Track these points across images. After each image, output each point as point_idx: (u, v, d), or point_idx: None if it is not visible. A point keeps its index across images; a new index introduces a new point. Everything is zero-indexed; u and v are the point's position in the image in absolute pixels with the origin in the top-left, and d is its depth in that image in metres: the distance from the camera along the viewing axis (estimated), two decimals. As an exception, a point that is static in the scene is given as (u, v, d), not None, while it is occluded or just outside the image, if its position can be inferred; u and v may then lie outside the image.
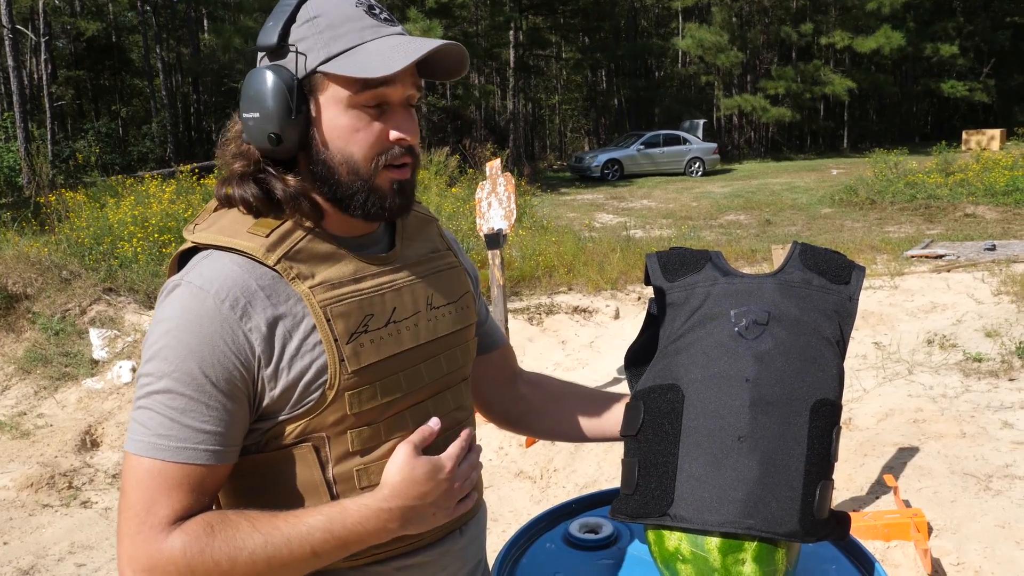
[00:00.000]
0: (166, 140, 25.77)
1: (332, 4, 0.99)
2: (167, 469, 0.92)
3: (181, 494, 0.92)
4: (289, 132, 0.98)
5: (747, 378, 1.04)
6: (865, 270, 1.15)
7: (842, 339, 1.09)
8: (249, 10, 25.78)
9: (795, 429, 1.03)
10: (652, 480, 1.07)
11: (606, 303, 7.65)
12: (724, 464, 1.03)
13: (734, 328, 1.07)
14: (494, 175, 4.92)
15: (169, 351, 0.93)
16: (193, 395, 0.93)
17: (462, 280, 1.20)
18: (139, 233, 8.71)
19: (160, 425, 0.92)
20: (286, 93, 0.97)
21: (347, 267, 1.03)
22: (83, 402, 5.64)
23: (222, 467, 0.96)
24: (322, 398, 0.98)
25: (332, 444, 1.00)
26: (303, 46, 0.98)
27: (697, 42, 30.36)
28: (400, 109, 1.02)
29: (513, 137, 30.42)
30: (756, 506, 1.01)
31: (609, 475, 4.22)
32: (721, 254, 1.15)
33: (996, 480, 3.84)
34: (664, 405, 1.08)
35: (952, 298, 7.25)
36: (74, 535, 3.80)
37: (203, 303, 0.94)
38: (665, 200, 18.05)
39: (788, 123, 32.93)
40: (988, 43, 36.31)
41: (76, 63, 29.87)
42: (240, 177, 1.02)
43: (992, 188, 13.99)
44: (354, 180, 1.01)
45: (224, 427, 0.94)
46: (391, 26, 1.01)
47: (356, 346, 1.00)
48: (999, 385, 5.13)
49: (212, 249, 1.00)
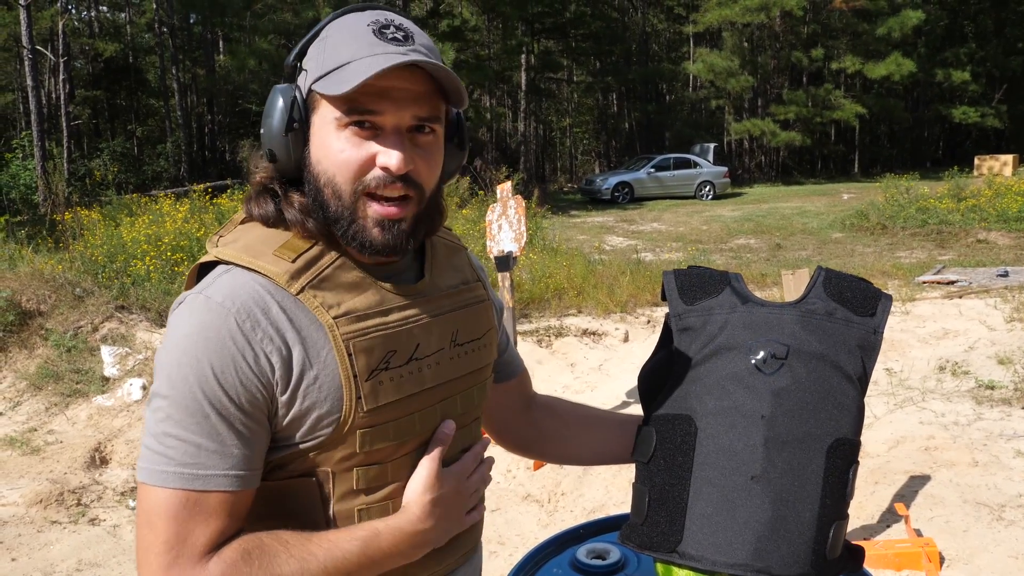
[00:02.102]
0: (180, 159, 25.98)
1: (346, 23, 0.97)
2: (199, 499, 0.89)
3: (215, 522, 0.89)
4: (282, 150, 0.97)
5: (763, 415, 1.03)
6: (892, 299, 1.12)
7: (864, 375, 1.07)
8: (264, 32, 26.09)
9: (810, 470, 1.02)
10: (662, 513, 1.05)
11: (615, 326, 7.64)
12: (736, 504, 1.01)
13: (751, 361, 1.05)
14: (505, 198, 4.94)
15: (187, 370, 0.89)
16: (216, 417, 0.89)
17: (488, 316, 1.16)
18: (152, 252, 8.78)
19: (185, 453, 0.89)
20: (284, 110, 0.96)
21: (373, 297, 0.99)
22: (93, 419, 5.66)
23: (249, 492, 0.93)
24: (333, 434, 0.95)
25: (336, 481, 0.97)
26: (308, 64, 0.98)
27: (708, 66, 30.50)
28: (392, 135, 0.95)
29: (524, 159, 30.54)
30: (767, 549, 1.00)
31: (617, 499, 4.19)
32: (740, 276, 1.12)
33: (1009, 510, 3.80)
34: (677, 436, 1.06)
35: (964, 324, 7.21)
36: (82, 552, 3.80)
37: (224, 320, 0.91)
38: (675, 223, 18.05)
39: (799, 147, 32.95)
40: (1000, 69, 36.31)
41: (93, 83, 30.22)
42: (260, 192, 1.02)
43: (1005, 214, 13.93)
44: (337, 205, 0.96)
45: (250, 449, 0.91)
46: (396, 45, 0.94)
47: (375, 383, 0.97)
48: (1012, 413, 5.09)
49: (234, 266, 0.96)
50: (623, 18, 36.11)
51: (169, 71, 27.47)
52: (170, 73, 27.41)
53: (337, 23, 0.99)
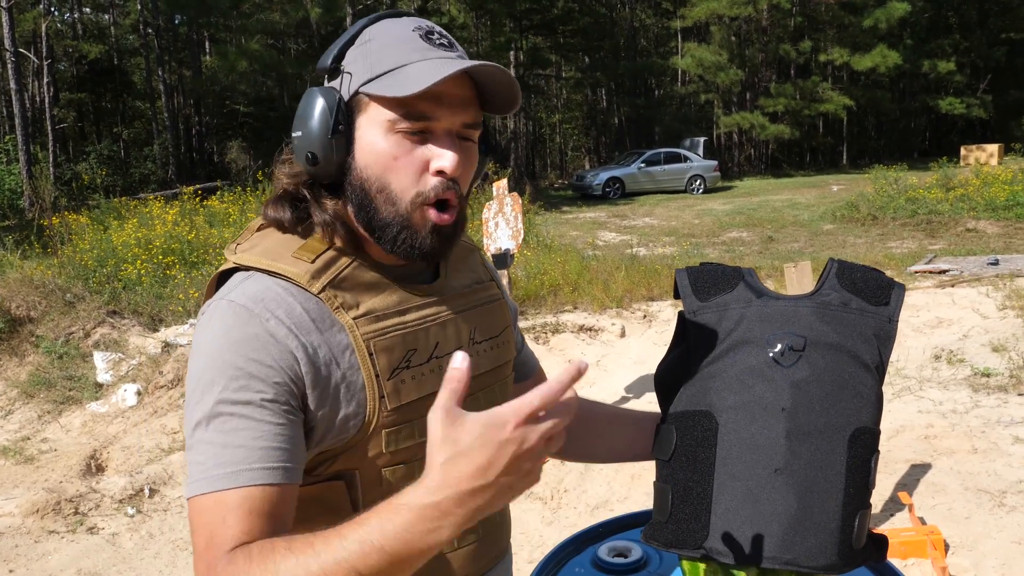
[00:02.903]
0: (168, 162, 25.85)
1: (388, 28, 0.97)
2: (223, 499, 0.86)
3: (239, 520, 0.85)
4: (326, 152, 0.95)
5: (783, 407, 1.02)
6: (905, 288, 1.12)
7: (881, 363, 1.06)
8: (252, 32, 25.98)
9: (833, 460, 1.01)
10: (686, 510, 1.05)
11: (612, 322, 7.63)
12: (760, 497, 1.01)
13: (769, 354, 1.04)
14: (501, 195, 4.92)
15: (215, 373, 0.88)
16: (241, 414, 0.88)
17: (504, 314, 1.17)
18: (143, 255, 8.72)
19: (212, 456, 0.87)
20: (327, 113, 0.94)
21: (391, 297, 0.99)
22: (87, 426, 5.62)
23: (288, 487, 0.89)
24: (359, 434, 0.95)
25: (365, 482, 0.97)
26: (351, 67, 0.96)
27: (696, 61, 30.56)
28: (444, 137, 0.95)
29: (514, 156, 30.54)
30: (794, 541, 1.00)
31: (620, 495, 4.19)
32: (754, 271, 1.12)
33: (1010, 496, 3.81)
34: (698, 433, 1.06)
35: (958, 313, 7.24)
36: (81, 562, 3.76)
37: (248, 322, 0.90)
38: (667, 218, 18.08)
39: (788, 140, 33.05)
40: (984, 59, 36.54)
41: (78, 86, 30.03)
42: (278, 198, 1.00)
43: (993, 203, 14.01)
44: (390, 211, 0.96)
45: (280, 442, 0.88)
46: (444, 50, 0.95)
47: (397, 382, 0.97)
48: (1008, 400, 5.11)
49: (254, 271, 0.96)
50: (611, 13, 36.12)
51: (155, 73, 27.32)
52: (156, 75, 27.26)
53: (378, 27, 0.97)
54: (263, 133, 27.69)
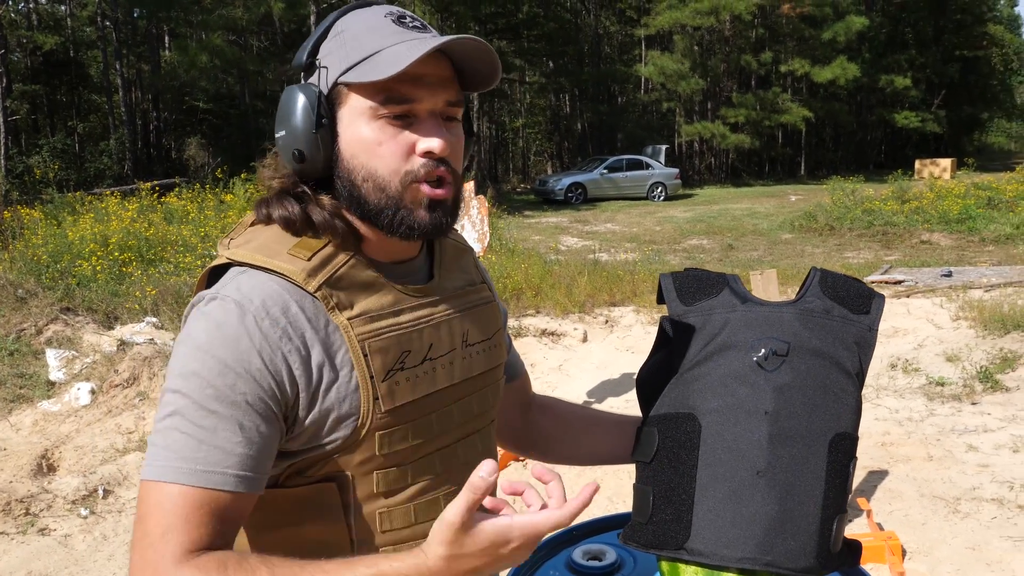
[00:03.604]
0: (124, 157, 25.32)
1: (360, 17, 0.96)
2: (189, 494, 0.84)
3: (201, 523, 0.84)
4: (312, 148, 0.94)
5: (766, 411, 1.03)
6: (884, 298, 1.14)
7: (861, 370, 1.08)
8: (213, 28, 25.59)
9: (813, 464, 1.02)
10: (668, 511, 1.05)
11: (574, 326, 7.65)
12: (742, 499, 1.01)
13: (753, 359, 1.05)
14: (467, 198, 4.90)
15: (200, 366, 0.86)
16: (225, 412, 0.86)
17: (496, 316, 1.16)
18: (99, 251, 8.53)
19: (185, 447, 0.85)
20: (309, 108, 0.93)
21: (386, 298, 0.98)
22: (39, 425, 5.46)
23: (249, 496, 0.88)
24: (352, 436, 0.93)
25: (357, 484, 0.95)
26: (327, 60, 0.95)
27: (659, 69, 30.87)
28: (429, 119, 0.94)
29: (477, 159, 30.51)
30: (774, 542, 1.00)
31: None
32: (738, 278, 1.13)
33: (964, 503, 3.90)
34: (680, 435, 1.06)
35: (912, 323, 7.40)
36: (31, 564, 3.65)
37: (241, 319, 0.88)
38: (629, 224, 18.20)
39: (748, 149, 33.54)
40: (939, 75, 37.56)
41: (32, 77, 29.26)
42: (279, 195, 0.98)
43: (946, 216, 14.37)
44: (380, 198, 0.94)
45: (256, 451, 0.87)
46: (418, 32, 0.95)
47: (391, 384, 0.95)
48: (962, 409, 5.23)
49: (249, 267, 0.94)
50: (576, 20, 36.32)
51: (112, 66, 26.77)
52: (113, 68, 26.71)
53: (350, 17, 0.96)
54: (223, 130, 27.31)
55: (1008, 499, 3.92)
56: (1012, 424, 4.88)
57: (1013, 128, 52.91)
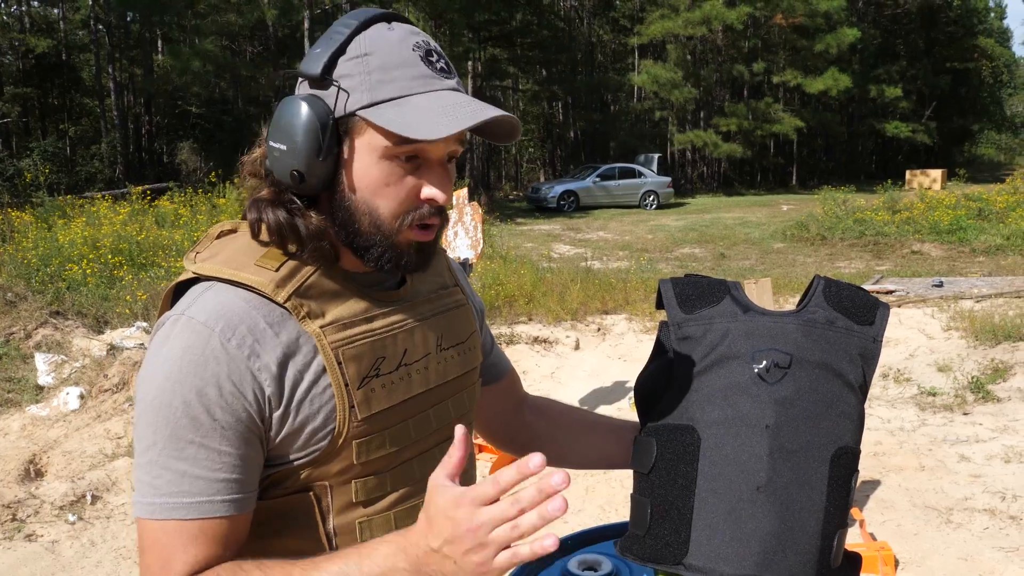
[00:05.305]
0: (116, 161, 25.20)
1: (387, 44, 0.91)
2: (182, 527, 0.86)
3: (199, 549, 0.87)
4: (314, 172, 0.91)
5: (767, 425, 1.01)
6: (890, 308, 1.13)
7: (864, 383, 1.06)
8: (206, 32, 25.56)
9: (814, 479, 1.01)
10: (666, 525, 1.03)
11: (566, 334, 7.65)
12: (741, 514, 1.00)
13: (754, 370, 1.03)
14: (461, 204, 4.90)
15: (172, 396, 0.86)
16: (202, 442, 0.86)
17: (470, 319, 1.15)
18: (90, 255, 8.48)
19: (170, 483, 0.86)
20: (319, 131, 0.89)
21: (358, 305, 0.96)
22: (27, 430, 5.41)
23: (243, 516, 0.90)
24: (329, 446, 0.92)
25: (335, 494, 0.95)
26: (347, 83, 0.90)
27: (652, 78, 30.96)
28: (437, 166, 0.94)
29: (470, 166, 30.52)
30: (774, 559, 0.99)
31: (574, 507, 4.17)
32: (739, 285, 1.11)
33: (956, 513, 3.90)
34: (679, 447, 1.04)
35: (904, 333, 7.42)
36: (18, 570, 3.61)
37: (207, 341, 0.87)
38: (621, 232, 18.23)
39: (740, 159, 33.65)
40: (929, 87, 37.80)
41: (24, 80, 29.12)
42: (272, 202, 0.95)
43: (937, 226, 14.43)
44: (374, 233, 0.93)
45: (239, 473, 0.88)
46: (445, 78, 0.93)
47: (367, 391, 0.94)
48: (954, 419, 5.24)
49: (215, 281, 0.92)
50: (569, 28, 36.40)
51: (105, 70, 26.66)
52: (106, 72, 26.60)
53: (375, 39, 0.91)
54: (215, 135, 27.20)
55: (1000, 509, 3.92)
56: (1004, 434, 4.89)
57: (1003, 140, 53.24)
